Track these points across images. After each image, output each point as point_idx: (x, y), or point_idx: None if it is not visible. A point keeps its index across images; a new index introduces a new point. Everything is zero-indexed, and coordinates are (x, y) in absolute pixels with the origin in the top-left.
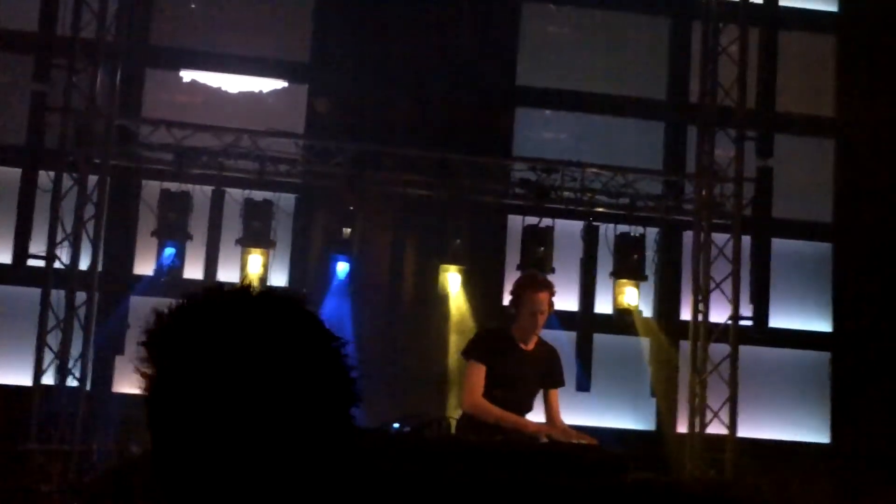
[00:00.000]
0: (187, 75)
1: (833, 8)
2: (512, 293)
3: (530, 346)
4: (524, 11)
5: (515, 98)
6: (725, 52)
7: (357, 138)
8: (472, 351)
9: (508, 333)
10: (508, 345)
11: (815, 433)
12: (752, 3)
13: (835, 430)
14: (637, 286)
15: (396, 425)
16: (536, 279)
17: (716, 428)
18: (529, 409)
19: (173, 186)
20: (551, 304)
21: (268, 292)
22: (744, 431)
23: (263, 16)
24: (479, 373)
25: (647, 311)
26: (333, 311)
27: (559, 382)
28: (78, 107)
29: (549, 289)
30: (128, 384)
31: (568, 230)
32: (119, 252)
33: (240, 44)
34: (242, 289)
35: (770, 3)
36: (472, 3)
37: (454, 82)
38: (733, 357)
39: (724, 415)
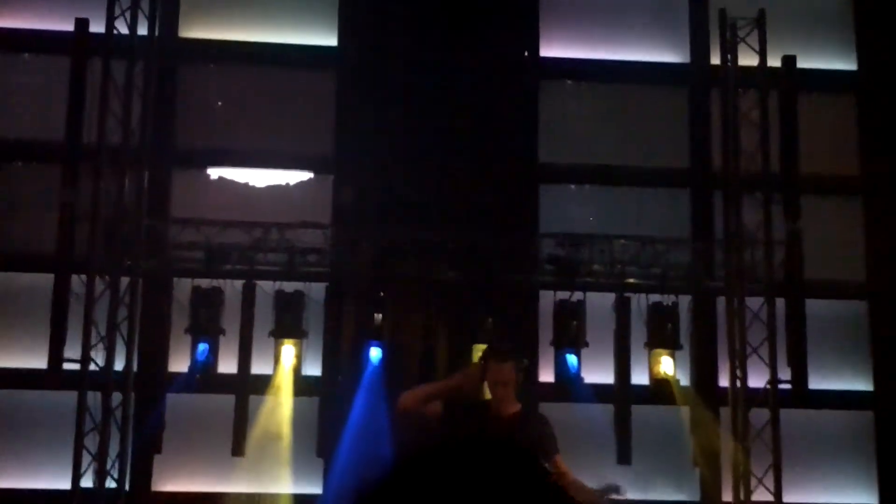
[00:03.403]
0: (214, 173)
1: (852, 66)
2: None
3: (504, 415)
4: (542, 89)
5: (539, 175)
6: (746, 117)
7: (383, 225)
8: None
9: (485, 403)
10: (479, 412)
11: (862, 495)
12: (770, 67)
13: (882, 492)
14: (672, 355)
15: None
16: (498, 350)
17: (761, 495)
18: None
19: (204, 283)
20: (517, 374)
21: (483, 444)
22: (789, 497)
23: (286, 110)
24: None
25: (684, 380)
26: (370, 397)
27: (551, 450)
28: (107, 212)
29: (513, 359)
30: (167, 483)
31: (600, 303)
32: (153, 351)
33: (264, 139)
34: (459, 444)
35: (788, 67)
36: (489, 84)
37: (477, 165)
38: (774, 422)
39: (769, 481)
